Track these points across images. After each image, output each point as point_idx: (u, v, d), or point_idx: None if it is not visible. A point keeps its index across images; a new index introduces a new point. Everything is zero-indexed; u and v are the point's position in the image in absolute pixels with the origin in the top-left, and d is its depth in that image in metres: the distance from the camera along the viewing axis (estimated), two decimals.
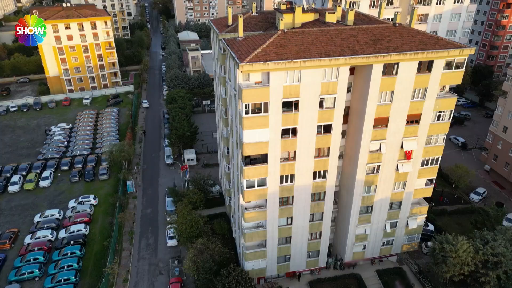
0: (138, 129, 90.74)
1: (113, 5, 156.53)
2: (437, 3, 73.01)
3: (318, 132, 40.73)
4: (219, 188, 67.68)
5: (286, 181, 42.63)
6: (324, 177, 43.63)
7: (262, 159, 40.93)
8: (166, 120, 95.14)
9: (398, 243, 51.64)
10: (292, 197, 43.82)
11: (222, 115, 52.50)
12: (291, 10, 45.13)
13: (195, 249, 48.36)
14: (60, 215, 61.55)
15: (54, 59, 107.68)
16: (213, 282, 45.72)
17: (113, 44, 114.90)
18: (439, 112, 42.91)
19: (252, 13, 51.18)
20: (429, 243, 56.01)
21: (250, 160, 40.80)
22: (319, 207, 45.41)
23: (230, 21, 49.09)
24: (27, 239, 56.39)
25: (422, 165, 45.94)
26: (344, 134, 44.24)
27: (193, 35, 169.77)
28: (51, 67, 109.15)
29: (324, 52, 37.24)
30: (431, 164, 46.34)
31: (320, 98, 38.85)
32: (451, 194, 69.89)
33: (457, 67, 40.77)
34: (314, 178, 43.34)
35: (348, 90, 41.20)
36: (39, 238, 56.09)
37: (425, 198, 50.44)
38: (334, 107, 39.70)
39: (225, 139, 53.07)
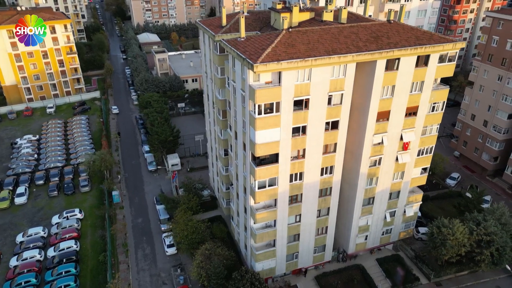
0: (113, 137, 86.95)
1: (66, 8, 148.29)
2: (405, 0, 76.49)
3: (326, 129, 41.39)
4: (209, 191, 66.60)
5: (296, 179, 42.90)
6: (331, 172, 44.43)
7: (272, 158, 40.85)
8: (141, 126, 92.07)
9: (396, 231, 53.79)
10: (301, 194, 44.17)
11: (218, 117, 51.76)
12: (287, 9, 45.53)
13: (202, 255, 47.40)
14: (45, 233, 57.57)
15: (10, 67, 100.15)
16: (225, 287, 45.05)
17: (74, 49, 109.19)
18: (434, 103, 45.25)
19: (243, 13, 50.77)
20: (420, 229, 58.87)
21: (260, 161, 40.63)
22: (325, 202, 46.18)
23: (224, 21, 48.40)
24: (13, 261, 52.20)
25: (418, 155, 48.20)
26: None
27: (154, 37, 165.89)
28: (8, 76, 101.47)
29: (332, 49, 37.88)
30: (426, 153, 48.78)
31: (329, 95, 39.51)
32: (429, 181, 73.66)
33: (449, 60, 43.18)
34: (321, 174, 44.00)
35: None
36: (26, 259, 52.10)
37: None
38: (341, 103, 40.54)
39: (221, 141, 52.39)
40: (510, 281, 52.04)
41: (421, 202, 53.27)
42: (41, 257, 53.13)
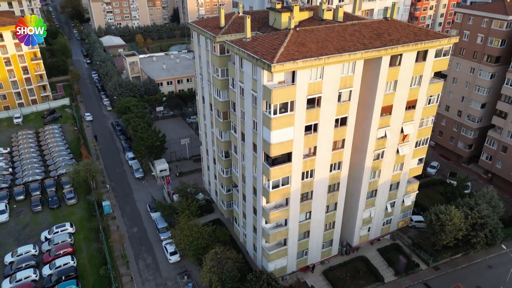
0: (92, 145, 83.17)
1: (22, 11, 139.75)
2: None
3: (335, 126, 42.11)
4: (203, 195, 65.50)
5: (307, 177, 43.34)
6: (339, 168, 45.30)
7: (284, 158, 40.99)
8: (120, 132, 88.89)
9: (395, 221, 55.76)
10: (312, 191, 44.68)
11: (218, 119, 51.10)
12: (288, 8, 45.83)
13: (213, 260, 46.62)
14: (36, 251, 54.06)
15: None
16: None
17: (39, 54, 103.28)
18: (430, 96, 47.39)
19: (239, 13, 50.45)
20: (412, 217, 61.34)
21: (273, 160, 40.63)
22: (334, 197, 47.00)
23: (222, 22, 47.80)
24: (6, 284, 48.48)
25: (415, 146, 50.29)
26: None
27: (118, 40, 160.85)
28: None
29: (341, 47, 38.62)
30: (423, 144, 51.01)
31: (339, 92, 40.23)
32: None
33: (444, 54, 45.40)
34: (330, 170, 44.73)
35: None
36: (20, 280, 48.60)
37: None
38: (349, 100, 41.42)
39: (222, 143, 51.71)
40: (499, 259, 55.46)
41: (417, 191, 55.55)
42: (36, 276, 49.81)
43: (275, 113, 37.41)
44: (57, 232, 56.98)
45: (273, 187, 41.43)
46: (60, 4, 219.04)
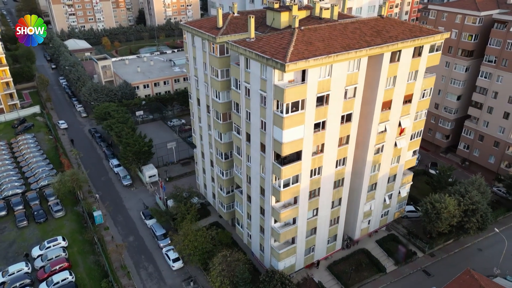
0: (72, 154, 79.38)
1: None
2: None
3: (341, 122, 42.80)
4: (197, 199, 64.39)
5: (315, 174, 43.78)
6: (343, 164, 46.07)
7: (293, 156, 41.20)
8: (100, 139, 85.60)
9: (391, 212, 57.50)
10: (319, 188, 45.16)
11: (217, 121, 50.50)
12: (286, 8, 46.03)
13: (221, 263, 46.00)
14: (29, 268, 50.96)
15: None
16: None
17: (4, 61, 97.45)
18: (424, 90, 49.27)
19: (234, 13, 50.04)
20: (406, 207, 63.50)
21: (283, 159, 40.72)
22: (339, 193, 47.77)
23: (220, 23, 47.16)
24: None
25: (411, 139, 52.10)
26: None
27: (83, 43, 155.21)
28: None
29: (346, 45, 39.30)
30: (417, 137, 52.94)
31: (345, 89, 40.92)
32: None
33: (436, 49, 47.36)
34: (336, 166, 45.40)
35: None
36: None
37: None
38: (354, 96, 42.24)
39: (221, 145, 51.20)
40: (487, 242, 58.66)
41: (411, 183, 57.56)
42: None
43: (287, 112, 37.48)
44: (49, 247, 54.01)
45: (284, 186, 41.49)
46: (16, 7, 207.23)
